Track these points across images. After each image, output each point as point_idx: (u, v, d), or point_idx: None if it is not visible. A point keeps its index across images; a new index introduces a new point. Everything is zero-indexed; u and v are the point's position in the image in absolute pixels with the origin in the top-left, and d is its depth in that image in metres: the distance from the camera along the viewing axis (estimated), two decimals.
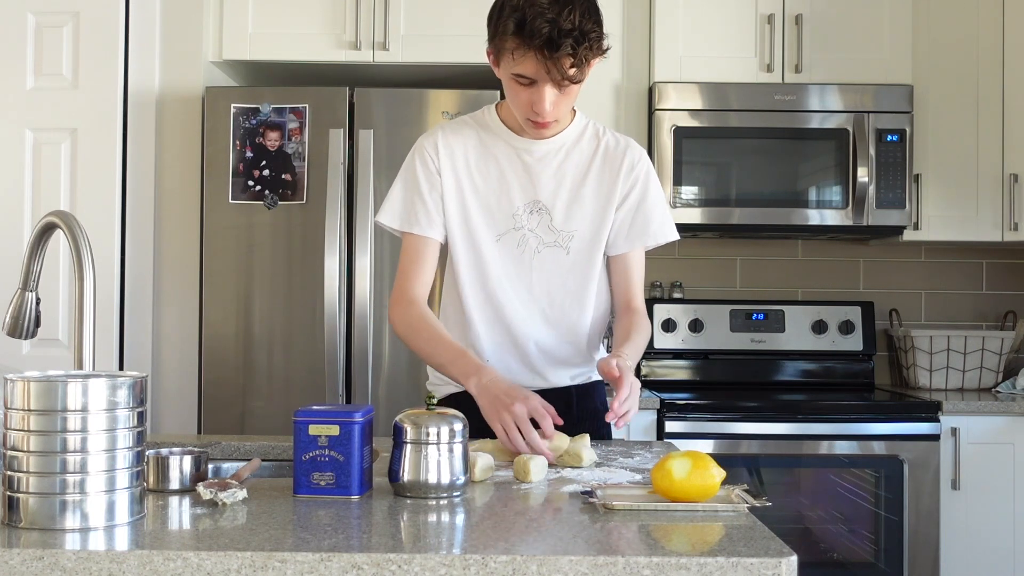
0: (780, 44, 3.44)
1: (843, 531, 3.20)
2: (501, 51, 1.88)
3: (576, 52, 1.81)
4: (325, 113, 3.17)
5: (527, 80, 1.87)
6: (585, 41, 1.81)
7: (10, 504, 1.24)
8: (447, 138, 2.05)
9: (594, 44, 1.84)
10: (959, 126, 3.52)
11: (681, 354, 3.70)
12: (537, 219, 2.03)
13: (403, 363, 3.17)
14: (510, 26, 1.82)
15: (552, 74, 1.83)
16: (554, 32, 1.78)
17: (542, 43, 1.79)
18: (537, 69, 1.84)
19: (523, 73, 1.86)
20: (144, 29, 3.27)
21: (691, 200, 3.40)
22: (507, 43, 1.85)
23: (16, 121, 3.23)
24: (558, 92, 1.88)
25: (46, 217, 1.68)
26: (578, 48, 1.80)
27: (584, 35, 1.81)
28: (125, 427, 1.26)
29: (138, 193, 3.26)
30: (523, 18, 1.80)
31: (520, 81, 1.88)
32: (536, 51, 1.81)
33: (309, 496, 1.43)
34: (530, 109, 1.92)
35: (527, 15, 1.80)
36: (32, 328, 1.77)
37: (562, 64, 1.82)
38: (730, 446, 3.12)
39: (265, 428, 3.14)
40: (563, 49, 1.79)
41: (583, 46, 1.81)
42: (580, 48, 1.81)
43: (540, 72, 1.84)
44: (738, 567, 1.12)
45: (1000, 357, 3.62)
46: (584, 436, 1.78)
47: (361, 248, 3.14)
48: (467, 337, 2.06)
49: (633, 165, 2.07)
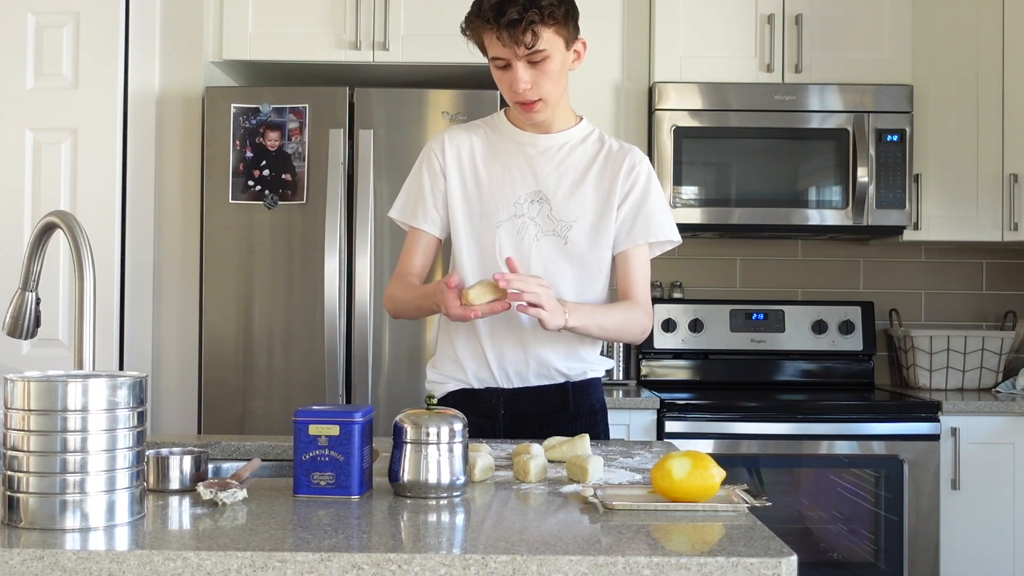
0: (780, 44, 3.44)
1: (843, 531, 3.20)
2: (479, 42, 2.02)
3: (522, 18, 1.91)
4: (325, 113, 3.17)
5: (501, 62, 1.99)
6: (533, 7, 1.92)
7: (10, 504, 1.24)
8: (454, 137, 2.16)
9: (546, 12, 1.94)
10: (959, 126, 3.52)
11: (681, 354, 3.69)
12: (538, 208, 2.09)
13: (403, 363, 3.17)
14: (473, 10, 1.98)
15: (510, 44, 1.95)
16: (505, 3, 1.92)
17: (493, 15, 1.93)
18: (499, 46, 1.97)
19: (495, 55, 1.99)
20: (144, 29, 3.27)
21: (691, 200, 3.40)
22: (476, 31, 2.00)
23: (16, 121, 3.23)
24: (531, 70, 1.98)
25: (46, 217, 1.68)
26: (524, 14, 1.91)
27: (533, 2, 1.92)
28: (125, 427, 1.26)
29: (138, 193, 3.26)
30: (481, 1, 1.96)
31: (497, 64, 2.01)
32: (491, 27, 1.94)
33: (309, 496, 1.43)
34: (511, 91, 2.03)
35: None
36: (32, 328, 1.77)
37: (515, 32, 1.93)
38: (730, 446, 3.12)
39: (265, 428, 3.14)
40: (508, 16, 1.91)
41: (531, 11, 1.92)
42: (527, 13, 1.91)
43: (503, 48, 1.96)
44: (738, 567, 1.12)
45: (1000, 357, 3.62)
46: (584, 437, 1.78)
47: (361, 248, 3.14)
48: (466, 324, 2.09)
49: (633, 166, 2.13)
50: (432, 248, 2.17)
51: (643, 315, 2.10)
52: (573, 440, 1.77)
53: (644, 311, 2.11)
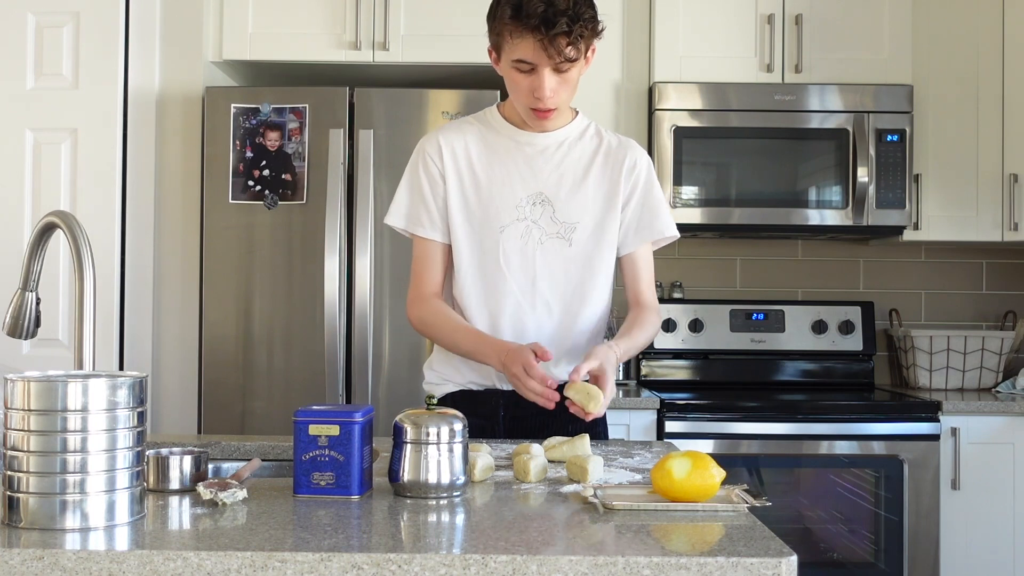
0: (780, 44, 3.44)
1: (843, 531, 3.19)
2: (501, 40, 1.95)
3: (571, 30, 1.88)
4: (325, 113, 3.17)
5: (527, 66, 1.94)
6: (580, 20, 1.89)
7: (10, 504, 1.24)
8: (448, 138, 2.11)
9: (588, 24, 1.91)
10: (959, 126, 3.52)
11: (681, 354, 3.69)
12: (540, 210, 2.08)
13: (403, 363, 3.17)
14: (507, 11, 1.91)
15: (550, 53, 1.90)
16: (549, 12, 1.87)
17: (538, 22, 1.87)
18: (535, 51, 1.91)
19: (522, 58, 1.93)
20: (144, 29, 3.27)
21: (691, 200, 3.40)
22: (505, 29, 1.92)
23: (16, 121, 3.23)
24: (557, 77, 1.95)
25: (46, 217, 1.68)
26: (573, 26, 1.88)
27: (579, 15, 1.89)
28: (125, 427, 1.26)
29: (138, 193, 3.26)
30: (519, 3, 1.89)
31: (520, 68, 1.95)
32: (532, 31, 1.88)
33: (309, 496, 1.43)
34: (531, 96, 1.97)
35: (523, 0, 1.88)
36: (32, 328, 1.77)
37: (559, 43, 1.89)
38: (730, 446, 3.12)
39: (265, 428, 3.14)
40: (558, 27, 1.87)
41: (578, 24, 1.88)
42: (575, 26, 1.88)
43: (538, 54, 1.91)
44: (738, 567, 1.12)
45: (1000, 357, 3.62)
46: (584, 437, 1.78)
47: (361, 248, 3.14)
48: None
49: (635, 164, 2.13)
50: (446, 257, 2.10)
51: (658, 319, 2.16)
52: (573, 440, 1.77)
53: (657, 313, 2.16)
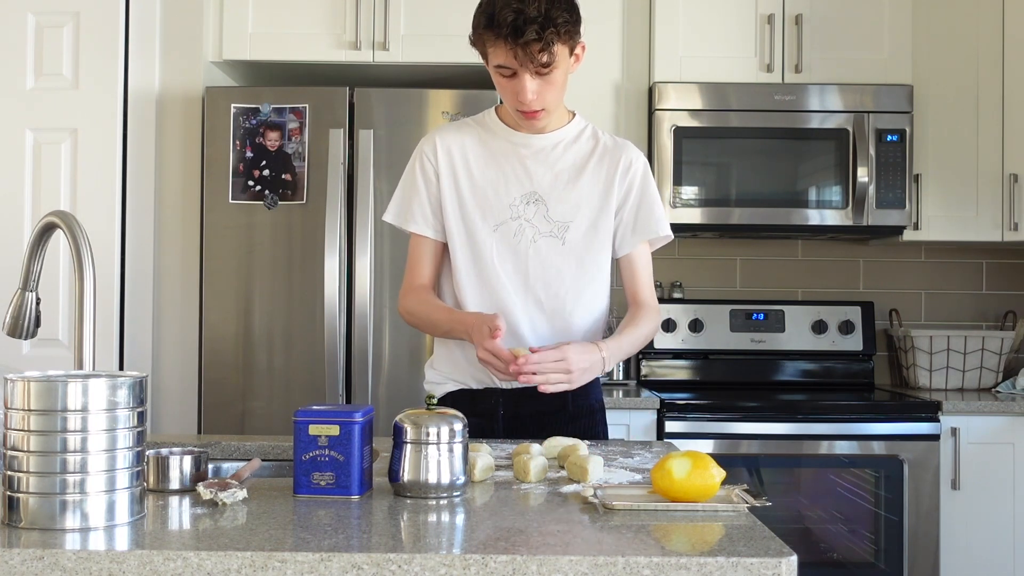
0: (780, 44, 3.44)
1: (843, 531, 3.19)
2: (482, 47, 1.99)
3: (542, 37, 1.89)
4: (325, 113, 3.17)
5: (508, 71, 1.97)
6: (551, 26, 1.90)
7: (10, 504, 1.24)
8: (445, 138, 2.14)
9: (562, 29, 1.92)
10: (959, 126, 3.53)
11: (681, 354, 3.70)
12: (534, 209, 2.09)
13: (403, 363, 3.17)
14: (482, 20, 1.95)
15: (521, 60, 1.92)
16: (519, 20, 1.89)
17: (508, 31, 1.90)
18: (510, 58, 1.93)
19: (501, 63, 1.96)
20: (144, 29, 3.27)
21: (691, 200, 3.40)
22: (482, 38, 1.96)
23: (16, 121, 3.23)
24: (539, 80, 1.97)
25: (46, 217, 1.68)
26: (543, 33, 1.89)
27: (550, 20, 1.90)
28: (125, 427, 1.26)
29: (138, 193, 3.26)
30: (492, 12, 1.92)
31: (502, 73, 1.98)
32: (504, 40, 1.91)
33: (309, 496, 1.43)
34: (516, 99, 2.00)
35: (496, 7, 1.91)
36: (32, 328, 1.77)
37: (531, 50, 1.91)
38: (730, 446, 3.12)
39: (265, 428, 3.14)
40: (527, 35, 1.89)
41: (548, 31, 1.89)
42: (545, 33, 1.89)
43: (512, 60, 1.94)
44: (738, 567, 1.12)
45: (1000, 357, 3.62)
46: (583, 442, 1.78)
47: (361, 248, 3.14)
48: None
49: (630, 164, 2.14)
50: (439, 254, 2.14)
51: (656, 316, 2.16)
52: (573, 440, 1.77)
53: (656, 311, 2.17)
